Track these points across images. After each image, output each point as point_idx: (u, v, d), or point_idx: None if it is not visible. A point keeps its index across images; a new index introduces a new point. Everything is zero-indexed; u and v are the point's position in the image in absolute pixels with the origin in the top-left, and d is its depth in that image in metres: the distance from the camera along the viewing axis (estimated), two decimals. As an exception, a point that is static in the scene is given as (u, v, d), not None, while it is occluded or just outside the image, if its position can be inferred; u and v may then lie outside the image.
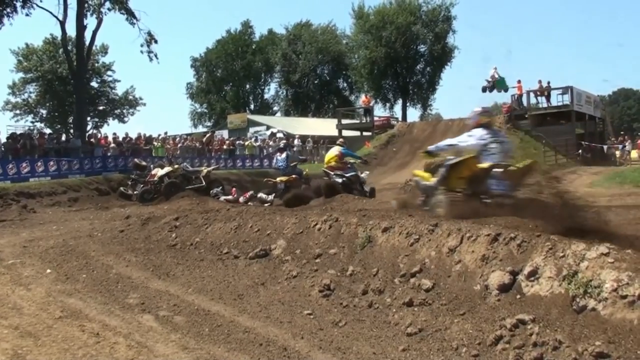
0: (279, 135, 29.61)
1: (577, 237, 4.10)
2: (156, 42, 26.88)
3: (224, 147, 26.05)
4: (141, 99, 45.01)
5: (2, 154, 18.30)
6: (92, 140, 23.08)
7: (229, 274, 5.85)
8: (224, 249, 6.59)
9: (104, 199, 16.80)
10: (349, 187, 10.85)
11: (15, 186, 15.94)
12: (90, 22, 25.41)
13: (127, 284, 5.84)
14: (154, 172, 16.21)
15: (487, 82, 26.64)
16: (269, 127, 36.42)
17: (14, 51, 40.37)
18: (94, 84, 41.21)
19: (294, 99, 52.72)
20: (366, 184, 12.16)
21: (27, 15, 24.33)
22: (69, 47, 27.51)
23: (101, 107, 42.76)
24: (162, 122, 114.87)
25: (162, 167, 16.42)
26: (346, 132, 30.93)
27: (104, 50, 41.09)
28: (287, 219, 6.58)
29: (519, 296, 3.87)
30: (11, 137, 19.66)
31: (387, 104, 44.57)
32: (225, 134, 35.48)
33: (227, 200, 14.66)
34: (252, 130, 37.33)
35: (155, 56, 27.12)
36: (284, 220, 6.59)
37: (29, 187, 16.12)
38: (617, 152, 27.70)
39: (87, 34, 25.23)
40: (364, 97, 36.41)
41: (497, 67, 26.90)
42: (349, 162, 11.83)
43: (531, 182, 5.51)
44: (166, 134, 26.70)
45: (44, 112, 41.98)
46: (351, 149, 14.87)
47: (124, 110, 43.98)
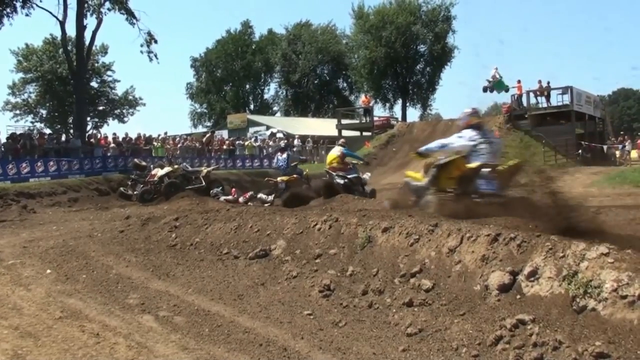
0: (279, 135, 29.61)
1: (570, 237, 4.11)
2: (156, 42, 26.93)
3: (224, 147, 26.05)
4: (141, 99, 45.19)
5: (2, 154, 18.30)
6: (92, 140, 23.08)
7: (229, 274, 5.85)
8: (224, 249, 6.59)
9: (104, 199, 16.80)
10: (350, 189, 10.84)
11: (15, 186, 15.95)
12: (90, 22, 25.47)
13: (127, 284, 5.84)
14: (153, 172, 16.20)
15: (488, 82, 26.55)
16: (268, 127, 36.42)
17: (13, 51, 40.52)
18: (94, 84, 41.27)
19: (294, 99, 52.72)
20: (367, 185, 12.16)
21: (27, 15, 24.41)
22: (69, 47, 27.52)
23: (101, 107, 42.81)
24: (162, 122, 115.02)
25: (162, 167, 16.42)
26: (346, 132, 30.93)
27: (104, 50, 41.19)
28: (287, 219, 6.58)
29: (519, 296, 3.87)
30: (11, 137, 19.66)
31: (387, 104, 44.68)
32: (225, 134, 35.48)
33: (227, 200, 14.65)
34: (252, 130, 37.34)
35: (155, 56, 27.19)
36: (283, 220, 6.59)
37: (29, 187, 16.12)
38: (617, 152, 27.65)
39: (87, 34, 25.29)
40: (363, 97, 36.39)
41: (497, 67, 26.83)
42: (351, 163, 11.82)
43: (525, 181, 5.55)
44: (166, 134, 26.76)
45: (44, 112, 42.06)
46: (351, 149, 14.86)
47: (124, 110, 44.06)
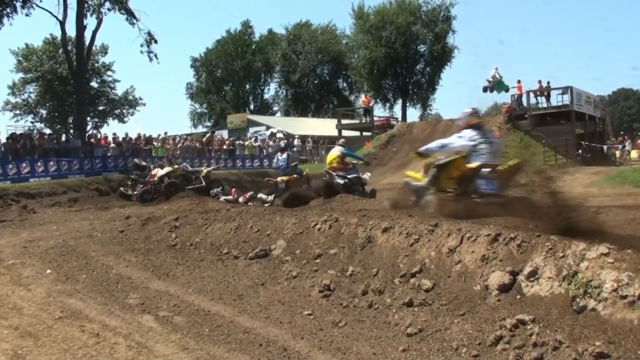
0: (279, 135, 29.61)
1: (569, 237, 4.12)
2: (156, 42, 26.92)
3: (224, 147, 26.05)
4: (141, 99, 45.19)
5: (2, 154, 18.30)
6: (92, 140, 23.08)
7: (229, 274, 5.85)
8: (224, 249, 6.59)
9: (104, 199, 16.80)
10: (350, 189, 10.85)
11: (15, 186, 15.95)
12: (90, 22, 25.47)
13: (127, 284, 5.84)
14: (153, 172, 16.20)
15: (488, 82, 26.53)
16: (268, 127, 36.43)
17: (13, 51, 40.52)
18: (94, 84, 41.27)
19: (294, 99, 52.71)
20: (367, 185, 12.17)
21: (27, 15, 24.40)
22: (69, 47, 27.52)
23: (101, 107, 42.81)
24: (162, 122, 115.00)
25: (162, 167, 16.42)
26: (346, 132, 30.92)
27: (104, 50, 41.19)
28: (287, 219, 6.58)
29: (519, 296, 3.87)
30: (11, 138, 19.66)
31: (387, 104, 44.68)
32: (225, 134, 35.47)
33: (227, 200, 14.66)
34: (252, 130, 37.34)
35: (155, 56, 27.17)
36: (283, 220, 6.59)
37: (29, 187, 16.12)
38: (617, 152, 27.65)
39: (87, 34, 25.28)
40: (363, 97, 36.38)
41: (497, 67, 26.79)
42: (351, 163, 11.83)
43: (526, 181, 5.58)
44: (166, 134, 26.75)
45: (44, 112, 42.07)
46: (351, 149, 14.86)
47: (124, 110, 44.05)
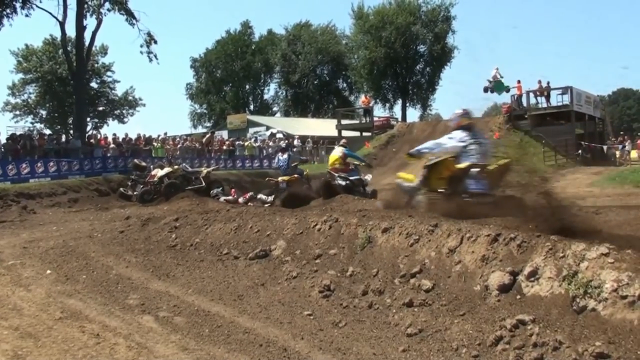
0: (279, 135, 29.62)
1: (560, 234, 4.15)
2: (156, 42, 26.98)
3: (224, 147, 26.05)
4: (141, 99, 45.24)
5: (2, 155, 18.29)
6: (92, 141, 23.09)
7: (229, 274, 5.85)
8: (224, 249, 6.59)
9: (103, 200, 16.80)
10: (351, 190, 10.88)
11: (15, 187, 15.95)
12: (89, 22, 25.51)
13: (127, 284, 5.84)
14: (153, 172, 16.21)
15: (489, 83, 26.50)
16: (268, 128, 36.44)
17: (13, 52, 40.57)
18: (94, 84, 41.29)
19: (294, 100, 52.71)
20: (369, 186, 12.18)
21: (27, 16, 24.45)
22: (69, 48, 27.55)
23: (101, 108, 42.82)
24: (161, 123, 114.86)
25: (161, 167, 16.42)
26: (346, 133, 30.89)
27: (104, 50, 41.21)
28: (287, 219, 6.58)
29: (519, 296, 3.87)
30: (11, 138, 19.66)
31: (387, 104, 44.65)
32: (224, 134, 35.48)
33: (227, 200, 14.66)
34: (251, 130, 37.37)
35: (154, 57, 27.23)
36: (283, 220, 6.59)
37: (29, 188, 16.12)
38: (617, 152, 27.65)
39: (87, 35, 25.33)
40: (363, 97, 36.35)
41: (498, 67, 26.76)
42: (353, 164, 11.86)
43: (519, 180, 5.66)
44: (166, 134, 26.75)
45: (44, 112, 42.09)
46: (351, 149, 14.85)
47: (124, 110, 44.08)
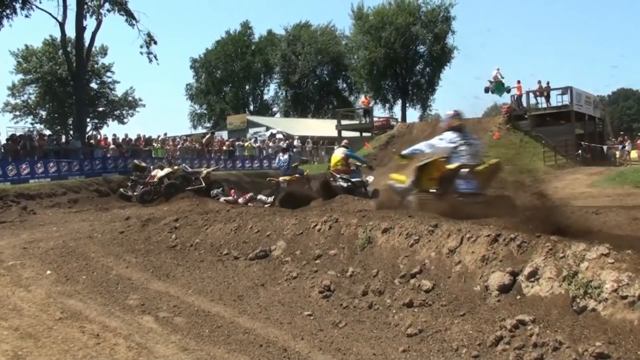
0: (279, 136, 29.65)
1: (550, 233, 4.18)
2: (155, 43, 27.01)
3: (224, 148, 26.06)
4: (140, 100, 45.25)
5: (2, 156, 18.31)
6: (92, 141, 23.11)
7: (229, 275, 5.85)
8: (224, 250, 6.58)
9: (103, 200, 16.80)
10: (352, 191, 10.91)
11: (15, 187, 15.97)
12: (89, 23, 25.55)
13: (127, 285, 5.83)
14: (153, 173, 16.21)
15: (489, 83, 26.52)
16: (268, 128, 36.47)
17: (13, 53, 40.59)
18: (94, 85, 41.31)
19: (294, 100, 52.72)
20: (370, 186, 12.19)
21: (27, 16, 24.50)
22: (69, 49, 27.56)
23: (101, 109, 42.84)
24: (161, 123, 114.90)
25: (161, 168, 16.43)
26: (346, 133, 30.88)
27: (104, 51, 41.24)
28: (287, 220, 6.58)
29: (519, 297, 3.86)
30: (11, 139, 19.67)
31: (387, 105, 44.63)
32: (224, 135, 35.49)
33: (227, 201, 14.67)
34: (251, 131, 37.39)
35: (154, 57, 27.28)
36: (283, 221, 6.59)
37: (29, 188, 16.14)
38: (617, 153, 27.66)
39: (87, 35, 25.38)
40: (363, 97, 36.37)
41: (499, 67, 26.69)
42: (354, 165, 11.88)
43: (512, 180, 5.75)
44: (166, 135, 26.72)
45: (44, 113, 42.11)
46: (351, 149, 14.87)
47: (124, 111, 44.09)
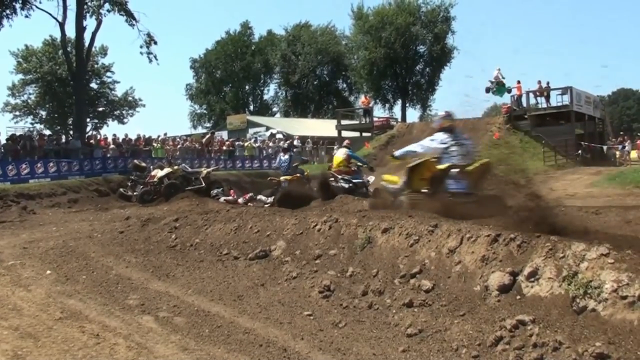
0: (279, 136, 29.65)
1: (542, 232, 4.22)
2: (155, 43, 26.99)
3: (224, 148, 26.06)
4: (140, 100, 45.21)
5: (1, 156, 18.29)
6: (92, 141, 23.09)
7: (229, 275, 5.85)
8: (224, 250, 6.58)
9: (103, 200, 16.80)
10: (353, 192, 10.92)
11: (15, 187, 15.95)
12: (89, 23, 25.54)
13: (127, 285, 5.83)
14: (153, 173, 16.22)
15: (490, 83, 26.51)
16: (268, 128, 36.46)
17: (13, 53, 40.56)
18: (94, 85, 41.29)
19: (294, 100, 52.72)
20: (370, 186, 12.21)
21: (27, 16, 24.47)
22: (69, 49, 27.54)
23: (101, 109, 42.82)
24: (161, 123, 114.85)
25: (161, 168, 16.43)
26: (345, 133, 30.88)
27: (104, 51, 41.22)
28: (287, 220, 6.58)
29: (519, 297, 3.87)
30: (11, 139, 19.66)
31: (387, 105, 44.65)
32: (224, 135, 35.49)
33: (227, 201, 14.67)
34: (251, 131, 37.39)
35: (154, 57, 27.25)
36: (283, 221, 6.59)
37: (29, 188, 16.12)
38: (617, 153, 27.67)
39: (87, 35, 25.37)
40: (363, 97, 36.35)
41: (500, 67, 26.62)
42: (356, 166, 11.91)
43: (506, 180, 5.81)
44: (166, 135, 26.69)
45: (44, 113, 42.09)
46: (351, 150, 14.88)
47: (124, 111, 44.07)
